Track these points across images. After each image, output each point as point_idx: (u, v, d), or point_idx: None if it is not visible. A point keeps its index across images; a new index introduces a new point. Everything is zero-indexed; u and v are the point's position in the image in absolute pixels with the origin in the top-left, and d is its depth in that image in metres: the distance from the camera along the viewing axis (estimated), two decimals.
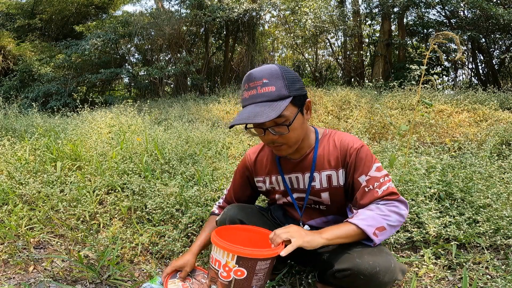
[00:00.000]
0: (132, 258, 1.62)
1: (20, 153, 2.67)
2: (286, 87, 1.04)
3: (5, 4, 11.48)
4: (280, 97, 1.03)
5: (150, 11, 11.16)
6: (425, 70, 2.05)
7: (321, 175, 1.20)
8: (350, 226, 1.08)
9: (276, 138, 1.08)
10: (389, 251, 1.11)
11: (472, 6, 7.67)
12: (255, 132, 1.13)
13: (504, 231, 1.62)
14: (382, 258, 1.04)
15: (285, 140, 1.09)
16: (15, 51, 10.54)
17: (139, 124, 3.94)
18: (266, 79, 1.03)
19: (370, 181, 1.13)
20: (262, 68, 1.06)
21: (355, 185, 1.17)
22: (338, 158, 1.17)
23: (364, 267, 1.02)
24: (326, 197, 1.22)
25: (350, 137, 1.19)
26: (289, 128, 1.06)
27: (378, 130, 4.07)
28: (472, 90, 6.07)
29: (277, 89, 1.03)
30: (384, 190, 1.12)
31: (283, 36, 11.74)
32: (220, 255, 1.04)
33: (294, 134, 1.10)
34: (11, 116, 4.52)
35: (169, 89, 11.87)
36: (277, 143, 1.10)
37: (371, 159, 1.15)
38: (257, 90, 1.04)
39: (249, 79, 1.06)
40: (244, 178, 1.39)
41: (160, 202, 1.91)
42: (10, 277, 1.47)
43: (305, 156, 1.21)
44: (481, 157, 2.42)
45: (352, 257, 1.06)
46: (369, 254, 1.05)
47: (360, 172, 1.14)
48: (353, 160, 1.15)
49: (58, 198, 1.99)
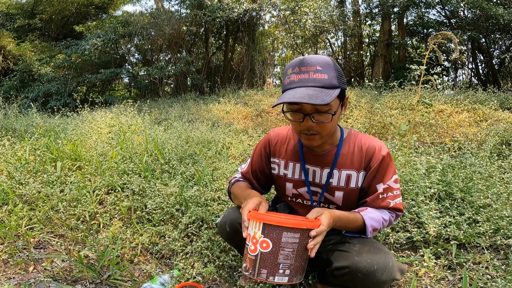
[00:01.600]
0: (132, 258, 1.62)
1: (20, 153, 2.67)
2: (337, 79, 1.05)
3: (5, 4, 11.47)
4: (331, 86, 1.04)
5: (150, 11, 11.16)
6: (425, 70, 2.05)
7: (341, 173, 1.20)
8: (358, 218, 1.13)
9: (314, 126, 1.08)
10: (388, 250, 1.12)
11: (472, 6, 7.66)
12: (290, 117, 1.12)
13: (504, 231, 1.62)
14: (380, 257, 1.06)
15: (321, 129, 1.09)
16: (15, 51, 10.53)
17: (139, 124, 3.94)
18: (320, 66, 1.04)
19: (387, 190, 1.16)
20: (315, 56, 1.07)
21: (370, 190, 1.18)
22: (362, 160, 1.17)
23: (362, 265, 1.04)
24: (340, 196, 1.22)
25: (378, 142, 1.19)
26: (332, 118, 1.07)
27: (378, 130, 4.07)
28: (472, 90, 6.07)
29: (329, 78, 1.04)
30: (395, 203, 1.17)
31: (283, 36, 11.74)
32: (251, 227, 1.01)
33: (331, 125, 1.10)
34: (11, 116, 4.52)
35: (169, 89, 11.86)
36: (312, 131, 1.09)
37: (393, 169, 1.18)
38: (309, 74, 1.04)
39: (302, 63, 1.06)
40: (263, 155, 1.35)
41: (160, 202, 1.91)
42: (10, 277, 1.47)
43: (328, 151, 1.21)
44: (481, 157, 2.42)
45: (350, 256, 1.08)
46: (368, 252, 1.07)
47: (380, 179, 1.16)
48: (377, 167, 1.16)
49: (58, 198, 1.99)
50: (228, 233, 1.28)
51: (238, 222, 1.25)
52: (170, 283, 1.37)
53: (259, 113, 6.09)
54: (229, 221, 1.26)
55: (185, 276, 1.45)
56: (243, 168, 1.41)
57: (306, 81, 1.04)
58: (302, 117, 1.07)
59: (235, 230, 1.25)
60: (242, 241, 1.28)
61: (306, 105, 1.05)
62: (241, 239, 1.27)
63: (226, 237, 1.32)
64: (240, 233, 1.25)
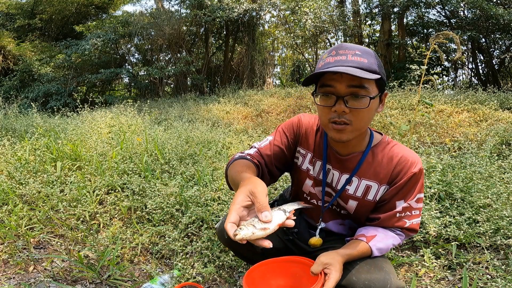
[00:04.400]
0: (132, 258, 1.62)
1: (20, 153, 2.67)
2: (377, 66, 0.94)
3: (5, 4, 11.47)
4: (371, 70, 0.92)
5: (150, 11, 11.17)
6: (425, 70, 2.05)
7: (361, 182, 1.09)
8: (366, 251, 1.04)
9: (347, 112, 0.94)
10: (391, 268, 1.04)
11: (472, 6, 7.66)
12: (320, 102, 0.98)
13: (504, 231, 1.62)
14: (379, 277, 0.99)
15: (354, 118, 0.95)
16: (15, 51, 10.53)
17: (139, 124, 3.94)
18: (359, 51, 0.94)
19: (406, 209, 1.05)
20: (355, 44, 0.98)
21: (388, 205, 1.07)
22: (389, 173, 1.05)
23: (359, 287, 0.98)
24: (353, 206, 1.12)
25: (413, 155, 1.05)
26: (369, 104, 0.93)
27: (378, 130, 4.06)
28: (472, 90, 6.07)
29: (369, 63, 0.93)
30: (412, 223, 1.06)
31: (283, 36, 11.73)
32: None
33: (366, 116, 0.96)
34: (11, 116, 4.52)
35: (169, 89, 11.87)
36: (343, 119, 0.95)
37: (420, 188, 1.05)
38: (347, 57, 0.93)
39: (340, 47, 0.96)
40: (290, 138, 1.18)
41: (160, 202, 1.91)
42: (10, 277, 1.47)
43: (352, 156, 1.08)
44: (481, 157, 2.42)
45: (350, 274, 1.02)
46: (367, 272, 1.01)
47: (401, 196, 1.04)
48: (403, 183, 1.03)
49: (58, 198, 1.99)
50: (226, 240, 1.25)
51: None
52: (170, 283, 1.37)
53: (259, 113, 6.09)
54: None
55: (185, 276, 1.45)
56: (261, 146, 1.17)
57: (343, 62, 0.92)
58: (335, 101, 0.94)
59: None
60: (242, 248, 1.23)
61: (340, 86, 0.92)
62: (240, 245, 1.25)
63: (225, 243, 1.29)
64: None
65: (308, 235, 1.24)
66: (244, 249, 1.26)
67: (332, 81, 0.93)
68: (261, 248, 1.22)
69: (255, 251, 1.25)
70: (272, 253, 1.28)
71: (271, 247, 0.80)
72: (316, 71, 0.96)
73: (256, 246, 1.21)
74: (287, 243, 1.30)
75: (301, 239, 1.27)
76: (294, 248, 1.31)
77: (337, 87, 0.93)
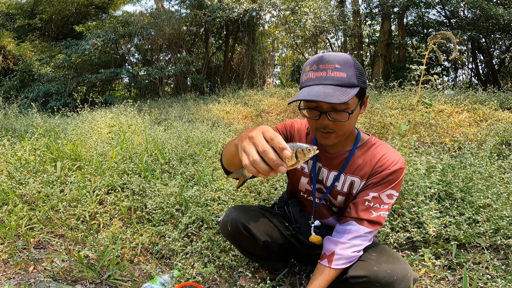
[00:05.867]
0: (132, 258, 1.62)
1: (20, 153, 2.67)
2: (356, 77, 1.01)
3: (5, 4, 11.47)
4: (349, 85, 1.00)
5: (150, 11, 11.17)
6: (425, 70, 2.05)
7: (346, 178, 1.17)
8: (331, 273, 1.10)
9: (330, 124, 1.05)
10: (404, 259, 1.10)
11: (472, 6, 7.67)
12: (306, 114, 1.09)
13: (504, 231, 1.62)
14: (400, 267, 1.04)
15: (338, 128, 1.06)
16: (15, 51, 10.53)
17: (139, 124, 3.94)
18: (338, 64, 1.00)
19: (376, 200, 1.10)
20: (335, 54, 1.03)
21: (360, 193, 1.14)
22: (371, 169, 1.13)
23: (382, 276, 1.02)
24: (341, 201, 1.21)
25: (397, 155, 1.13)
26: (349, 117, 1.03)
27: (378, 130, 4.06)
28: (472, 90, 6.08)
29: (348, 77, 1.00)
30: (379, 215, 1.10)
31: (283, 36, 11.74)
32: None
33: (349, 124, 1.07)
34: (11, 116, 4.52)
35: (169, 89, 11.88)
36: (328, 130, 1.06)
37: (394, 185, 1.11)
38: (327, 72, 1.00)
39: (321, 61, 1.02)
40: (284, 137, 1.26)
41: (160, 202, 1.91)
42: (10, 277, 1.47)
43: (339, 154, 1.18)
44: (481, 157, 2.42)
45: (369, 265, 1.07)
46: (387, 262, 1.06)
47: (374, 188, 1.11)
48: (379, 177, 1.11)
49: (58, 198, 1.99)
50: (229, 232, 1.27)
51: (240, 222, 1.24)
52: (170, 283, 1.37)
53: (259, 113, 6.09)
54: (231, 220, 1.25)
55: (185, 276, 1.45)
56: None
57: (324, 79, 1.00)
58: (318, 115, 1.05)
59: (237, 230, 1.25)
60: (244, 240, 1.28)
61: (322, 103, 1.02)
62: (243, 238, 1.27)
63: (228, 236, 1.32)
64: (242, 232, 1.26)
65: (309, 230, 1.27)
66: (246, 242, 1.28)
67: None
68: (262, 241, 1.24)
69: (256, 244, 1.26)
70: (274, 247, 1.29)
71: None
72: (301, 86, 1.06)
73: (258, 239, 1.25)
74: (290, 238, 1.32)
75: (303, 234, 1.31)
76: (297, 243, 1.33)
77: (320, 104, 1.03)
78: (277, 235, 1.29)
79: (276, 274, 1.44)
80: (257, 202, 2.04)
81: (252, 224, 1.25)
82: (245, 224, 1.24)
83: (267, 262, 1.40)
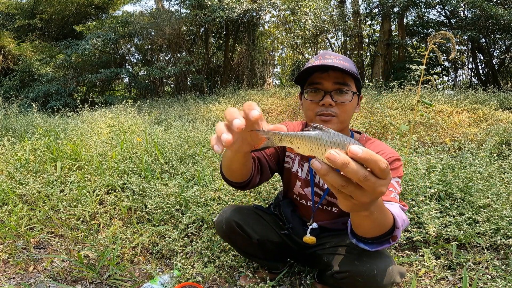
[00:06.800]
0: (132, 258, 1.62)
1: (20, 153, 2.67)
2: (356, 70, 1.12)
3: (5, 4, 11.48)
4: (352, 72, 1.08)
5: (150, 11, 11.18)
6: (425, 70, 2.05)
7: None
8: (388, 211, 0.82)
9: (333, 105, 1.08)
10: (389, 254, 1.11)
11: (472, 6, 7.67)
12: (309, 97, 1.11)
13: (504, 231, 1.62)
14: (380, 261, 1.05)
15: (339, 111, 1.09)
16: (15, 51, 10.54)
17: (139, 124, 3.94)
18: (341, 57, 1.11)
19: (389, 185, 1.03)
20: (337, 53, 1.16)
21: None
22: None
23: (362, 269, 1.04)
24: None
25: (390, 150, 1.14)
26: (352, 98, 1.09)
27: (378, 130, 4.06)
28: (472, 90, 6.08)
29: (350, 66, 1.09)
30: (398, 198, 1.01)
31: (283, 36, 11.74)
32: None
33: (349, 109, 1.10)
34: (11, 116, 4.52)
35: (169, 89, 11.87)
36: (329, 112, 1.08)
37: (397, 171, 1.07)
38: (333, 60, 1.09)
39: (325, 53, 1.12)
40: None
41: (160, 202, 1.91)
42: (10, 277, 1.47)
43: None
44: (481, 157, 2.42)
45: (351, 260, 1.08)
46: (368, 257, 1.07)
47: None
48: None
49: (58, 198, 1.99)
50: (224, 231, 1.28)
51: (233, 220, 1.25)
52: (170, 283, 1.37)
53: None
54: (225, 219, 1.26)
55: (185, 276, 1.45)
56: None
57: (330, 63, 1.08)
58: (323, 95, 1.08)
59: (231, 228, 1.26)
60: (239, 239, 1.29)
61: (327, 83, 1.08)
62: (237, 236, 1.28)
63: (223, 235, 1.32)
64: (236, 231, 1.26)
65: (302, 231, 1.27)
66: (240, 240, 1.29)
67: (320, 79, 1.10)
68: (257, 239, 1.25)
69: (250, 242, 1.27)
70: (269, 246, 1.30)
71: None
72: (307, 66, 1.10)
73: (252, 236, 1.26)
74: (283, 237, 1.32)
75: (296, 234, 1.31)
76: (290, 242, 1.34)
77: (324, 84, 1.09)
78: (271, 234, 1.30)
79: (276, 274, 1.44)
80: (257, 202, 2.04)
81: (246, 222, 1.26)
82: (239, 222, 1.25)
83: (265, 262, 1.40)
